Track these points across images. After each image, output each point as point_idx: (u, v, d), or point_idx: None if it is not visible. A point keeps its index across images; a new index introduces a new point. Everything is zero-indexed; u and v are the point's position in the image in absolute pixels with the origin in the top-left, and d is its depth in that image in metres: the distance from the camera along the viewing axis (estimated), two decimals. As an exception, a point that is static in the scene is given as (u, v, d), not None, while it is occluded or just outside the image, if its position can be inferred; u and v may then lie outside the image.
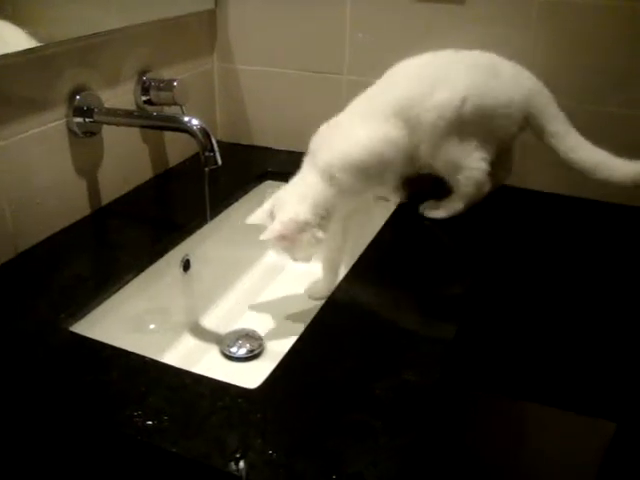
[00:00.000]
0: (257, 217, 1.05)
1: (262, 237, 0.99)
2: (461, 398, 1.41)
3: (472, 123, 1.11)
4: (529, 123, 1.16)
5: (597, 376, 1.41)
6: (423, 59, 1.16)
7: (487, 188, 1.17)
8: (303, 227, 1.00)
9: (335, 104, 1.16)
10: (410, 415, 0.75)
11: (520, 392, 1.50)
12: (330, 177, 1.04)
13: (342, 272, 1.10)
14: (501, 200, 1.23)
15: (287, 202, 1.02)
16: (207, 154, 1.04)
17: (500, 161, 1.19)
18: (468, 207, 1.18)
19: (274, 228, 0.99)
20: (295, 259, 1.05)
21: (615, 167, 1.09)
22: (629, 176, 1.08)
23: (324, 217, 1.03)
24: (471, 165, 1.14)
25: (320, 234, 1.02)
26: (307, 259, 1.06)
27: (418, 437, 0.73)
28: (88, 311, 0.97)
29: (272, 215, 1.02)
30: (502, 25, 1.25)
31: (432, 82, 1.11)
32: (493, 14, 1.25)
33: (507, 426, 1.57)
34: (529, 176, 1.32)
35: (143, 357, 0.85)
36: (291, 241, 1.01)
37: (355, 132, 1.09)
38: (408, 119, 1.10)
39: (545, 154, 1.16)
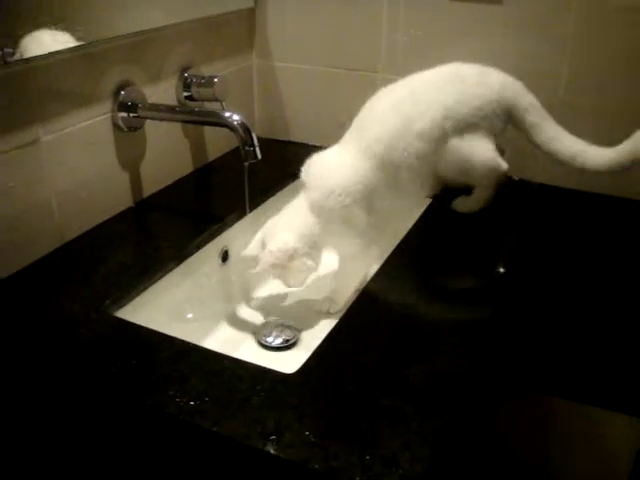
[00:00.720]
0: (251, 249, 1.06)
1: (255, 270, 1.03)
2: (492, 390, 1.42)
3: (462, 130, 1.14)
4: (511, 116, 1.18)
5: (630, 373, 1.41)
6: (396, 93, 1.16)
7: (505, 166, 1.17)
8: (292, 255, 1.02)
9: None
10: (441, 401, 0.77)
11: (552, 388, 1.51)
12: (319, 213, 1.05)
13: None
14: (534, 197, 1.25)
15: (277, 231, 1.04)
16: (247, 148, 1.07)
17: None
18: (496, 192, 1.19)
19: (265, 259, 1.02)
20: (288, 285, 1.08)
21: (592, 155, 1.13)
22: (605, 163, 1.12)
23: (312, 247, 1.04)
24: (481, 158, 1.16)
25: (310, 262, 1.03)
26: (300, 284, 1.08)
27: (448, 422, 0.75)
28: (131, 298, 1.01)
29: (263, 244, 1.04)
30: (537, 27, 1.26)
31: (409, 115, 1.11)
32: (530, 15, 1.26)
33: (537, 422, 1.57)
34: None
35: (185, 342, 0.88)
36: (282, 268, 1.03)
37: (344, 171, 1.08)
38: (391, 157, 1.09)
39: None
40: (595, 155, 1.13)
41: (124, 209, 1.23)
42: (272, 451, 0.70)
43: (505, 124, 1.18)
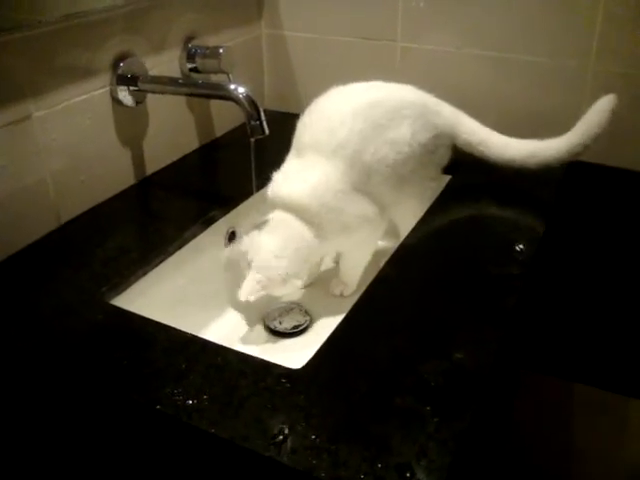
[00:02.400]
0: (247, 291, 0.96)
1: (241, 298, 0.94)
2: (511, 377, 1.37)
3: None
4: (456, 143, 1.14)
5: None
6: (354, 101, 1.05)
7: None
8: (282, 281, 0.95)
9: (389, 72, 1.11)
10: (462, 400, 0.71)
11: (572, 373, 1.46)
12: (318, 227, 0.97)
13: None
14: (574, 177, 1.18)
15: (265, 255, 0.95)
16: (253, 123, 1.01)
17: None
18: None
19: (250, 288, 0.94)
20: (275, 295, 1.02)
21: (545, 149, 1.11)
22: (564, 149, 1.10)
23: (304, 263, 0.98)
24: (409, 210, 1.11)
25: (299, 283, 0.97)
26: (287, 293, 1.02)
27: (470, 425, 0.69)
28: (130, 284, 0.96)
29: (248, 264, 0.96)
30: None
31: (379, 123, 1.03)
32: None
33: (557, 407, 1.53)
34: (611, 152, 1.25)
35: (184, 333, 0.83)
36: (269, 289, 0.96)
37: (320, 179, 0.98)
38: (361, 159, 1.01)
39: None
40: (549, 148, 1.11)
41: (125, 188, 1.18)
42: (274, 456, 0.64)
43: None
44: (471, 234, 1.05)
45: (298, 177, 0.99)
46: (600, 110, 1.08)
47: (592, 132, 1.08)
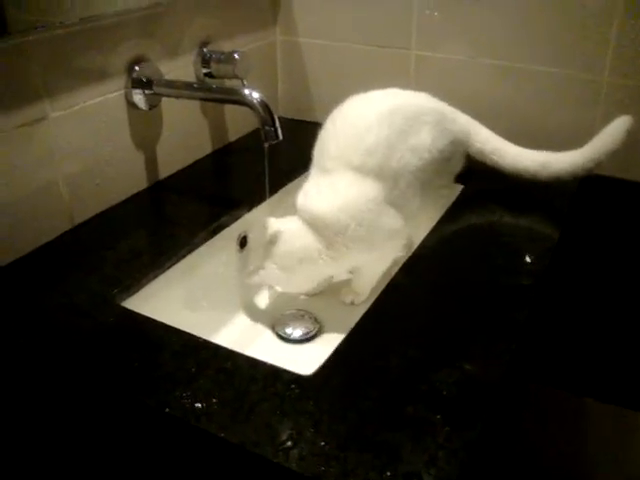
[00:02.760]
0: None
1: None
2: (521, 389, 1.35)
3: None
4: (469, 152, 1.15)
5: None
6: (373, 109, 1.05)
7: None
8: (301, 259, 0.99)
9: (403, 80, 1.10)
10: (473, 411, 0.70)
11: (582, 388, 1.44)
12: (330, 241, 0.97)
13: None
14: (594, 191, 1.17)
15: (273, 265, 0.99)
16: (267, 128, 1.00)
17: None
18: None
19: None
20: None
21: (558, 160, 1.11)
22: (577, 163, 1.10)
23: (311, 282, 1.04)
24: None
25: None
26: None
27: (481, 435, 0.68)
28: (141, 286, 0.95)
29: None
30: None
31: (401, 128, 1.03)
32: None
33: (567, 421, 1.52)
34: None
35: (194, 337, 0.82)
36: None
37: (350, 197, 0.98)
38: (389, 166, 1.00)
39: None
40: (562, 160, 1.11)
41: (138, 191, 1.18)
42: (283, 462, 0.64)
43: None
44: (483, 244, 1.04)
45: (329, 190, 0.98)
46: (615, 128, 1.08)
47: (606, 149, 1.08)
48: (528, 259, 1.00)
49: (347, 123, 1.03)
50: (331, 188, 0.98)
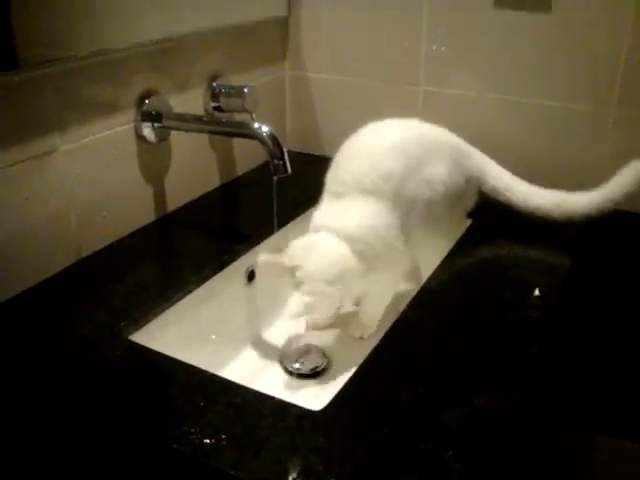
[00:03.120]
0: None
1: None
2: (531, 426, 1.33)
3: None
4: (481, 189, 1.15)
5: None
6: (389, 137, 1.06)
7: None
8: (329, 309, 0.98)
9: (411, 115, 1.11)
10: (484, 446, 0.69)
11: (594, 423, 1.42)
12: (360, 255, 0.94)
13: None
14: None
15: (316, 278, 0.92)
16: (276, 162, 1.01)
17: None
18: None
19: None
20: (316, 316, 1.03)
21: (574, 201, 1.11)
22: (593, 205, 1.10)
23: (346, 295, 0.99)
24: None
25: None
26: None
27: (493, 471, 0.67)
28: (149, 320, 0.94)
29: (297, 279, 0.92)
30: (591, 31, 1.18)
31: (417, 158, 1.04)
32: (582, 21, 1.18)
33: (580, 458, 1.49)
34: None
35: (203, 371, 0.81)
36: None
37: (366, 217, 0.97)
38: (403, 194, 1.00)
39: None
40: (577, 201, 1.11)
41: (146, 224, 1.18)
42: (294, 500, 0.63)
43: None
44: (493, 277, 1.04)
45: (345, 214, 0.97)
46: (632, 171, 1.08)
47: (624, 191, 1.08)
48: (537, 292, 0.99)
49: (363, 148, 1.04)
50: (345, 211, 0.98)
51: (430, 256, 1.09)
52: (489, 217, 1.19)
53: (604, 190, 1.10)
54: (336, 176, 1.03)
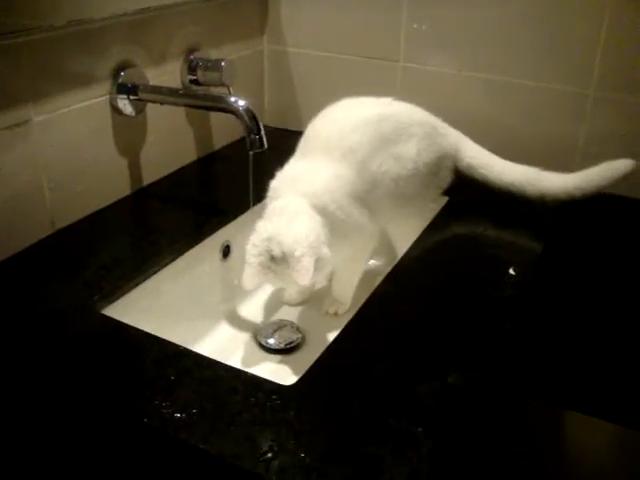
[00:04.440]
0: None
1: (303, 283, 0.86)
2: (503, 404, 1.35)
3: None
4: (457, 166, 1.16)
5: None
6: (365, 111, 1.06)
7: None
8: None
9: (390, 91, 1.10)
10: (455, 423, 0.70)
11: (566, 400, 1.44)
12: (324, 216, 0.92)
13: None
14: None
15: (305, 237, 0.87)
16: (252, 136, 1.00)
17: None
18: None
19: (308, 273, 0.85)
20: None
21: (548, 180, 1.12)
22: (566, 188, 1.11)
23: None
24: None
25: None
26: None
27: (463, 447, 0.68)
28: (122, 294, 0.94)
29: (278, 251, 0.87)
30: (572, 12, 1.18)
31: (387, 136, 1.04)
32: (563, 1, 1.18)
33: (551, 434, 1.51)
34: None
35: (175, 345, 0.81)
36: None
37: (329, 176, 0.97)
38: (367, 169, 1.00)
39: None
40: (552, 180, 1.12)
41: (121, 197, 1.17)
42: (263, 474, 0.63)
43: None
44: (468, 255, 1.04)
45: (309, 173, 0.98)
46: (615, 168, 1.09)
47: (598, 184, 1.09)
48: (512, 271, 1.00)
49: (335, 121, 1.04)
50: (310, 170, 0.98)
51: (402, 233, 1.10)
52: (465, 195, 1.19)
53: (578, 177, 1.10)
54: (306, 142, 1.04)
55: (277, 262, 0.87)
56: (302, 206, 0.91)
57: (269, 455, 0.65)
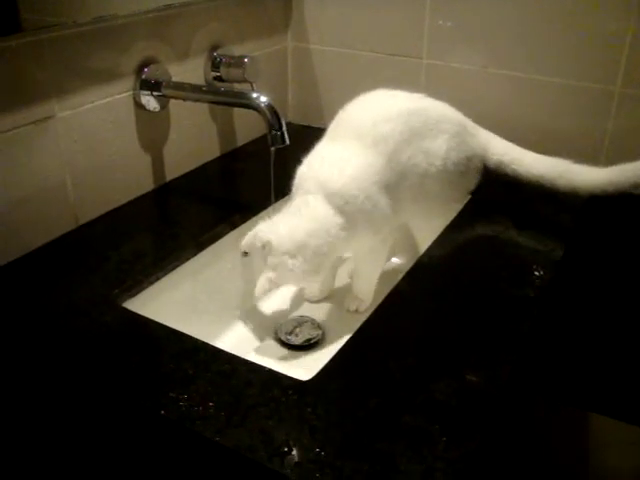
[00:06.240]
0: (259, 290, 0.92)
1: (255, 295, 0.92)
2: (524, 404, 1.34)
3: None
4: (486, 165, 1.15)
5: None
6: (398, 104, 1.06)
7: None
8: (297, 279, 0.94)
9: (414, 88, 1.10)
10: (472, 422, 0.69)
11: (587, 403, 1.43)
12: (342, 212, 0.93)
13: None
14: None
15: (278, 252, 0.91)
16: (274, 132, 1.00)
17: None
18: None
19: (261, 287, 0.91)
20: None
21: (578, 173, 1.09)
22: (599, 181, 1.08)
23: (323, 257, 0.94)
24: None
25: (316, 278, 0.97)
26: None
27: (479, 447, 0.67)
28: (143, 288, 0.95)
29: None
30: (598, 9, 1.16)
31: (417, 130, 1.04)
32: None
33: (571, 437, 1.50)
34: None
35: (193, 339, 0.82)
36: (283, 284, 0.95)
37: (357, 165, 0.97)
38: (398, 160, 1.00)
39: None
40: (585, 173, 1.09)
41: (144, 193, 1.18)
42: (278, 469, 0.63)
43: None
44: (488, 254, 1.03)
45: (337, 160, 0.98)
46: None
47: (633, 180, 1.06)
48: (533, 271, 0.99)
49: (369, 109, 1.04)
50: (338, 156, 0.98)
51: (424, 231, 1.09)
52: (487, 194, 1.18)
53: (613, 172, 1.08)
54: (337, 125, 1.04)
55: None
56: (315, 205, 0.93)
57: (284, 449, 0.65)
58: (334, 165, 0.96)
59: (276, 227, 0.92)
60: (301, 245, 0.90)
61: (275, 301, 1.16)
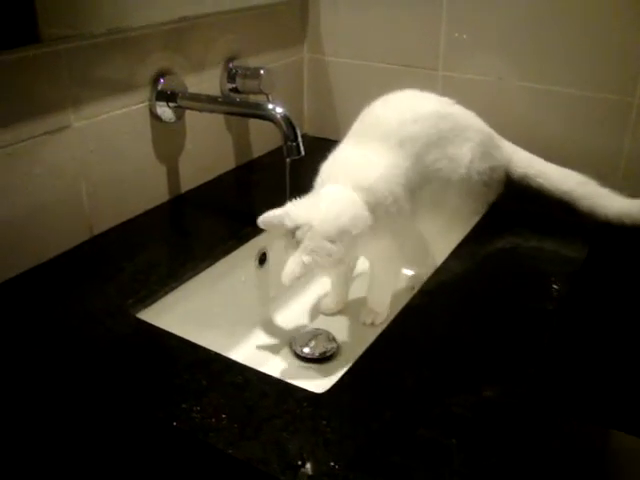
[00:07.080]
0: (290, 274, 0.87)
1: (283, 281, 0.87)
2: (543, 420, 1.32)
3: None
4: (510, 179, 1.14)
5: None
6: (426, 105, 1.06)
7: None
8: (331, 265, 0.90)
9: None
10: (490, 436, 0.68)
11: (608, 419, 1.40)
12: (372, 209, 0.92)
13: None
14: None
15: (318, 236, 0.87)
16: (289, 143, 1.00)
17: None
18: None
19: (293, 271, 0.86)
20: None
21: (602, 195, 1.09)
22: (621, 213, 1.07)
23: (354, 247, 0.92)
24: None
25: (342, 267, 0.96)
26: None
27: (497, 463, 0.66)
28: (157, 298, 0.94)
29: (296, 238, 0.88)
30: (617, 20, 1.15)
31: (445, 134, 1.04)
32: (609, 9, 1.16)
33: (592, 454, 1.47)
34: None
35: (207, 350, 0.81)
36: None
37: (384, 165, 0.97)
38: (423, 162, 1.01)
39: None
40: (607, 199, 1.09)
41: (159, 204, 1.18)
42: (291, 482, 0.62)
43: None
44: (507, 266, 1.02)
45: (365, 158, 0.97)
46: None
47: None
48: (552, 283, 0.97)
49: (396, 109, 1.03)
50: (364, 154, 0.97)
51: (439, 242, 1.08)
52: (506, 205, 1.17)
53: (634, 205, 1.07)
54: (361, 124, 1.04)
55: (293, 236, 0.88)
56: (346, 195, 0.92)
57: (298, 462, 0.64)
58: (362, 163, 0.96)
59: (315, 210, 0.90)
60: (343, 230, 0.88)
61: (290, 313, 1.15)
